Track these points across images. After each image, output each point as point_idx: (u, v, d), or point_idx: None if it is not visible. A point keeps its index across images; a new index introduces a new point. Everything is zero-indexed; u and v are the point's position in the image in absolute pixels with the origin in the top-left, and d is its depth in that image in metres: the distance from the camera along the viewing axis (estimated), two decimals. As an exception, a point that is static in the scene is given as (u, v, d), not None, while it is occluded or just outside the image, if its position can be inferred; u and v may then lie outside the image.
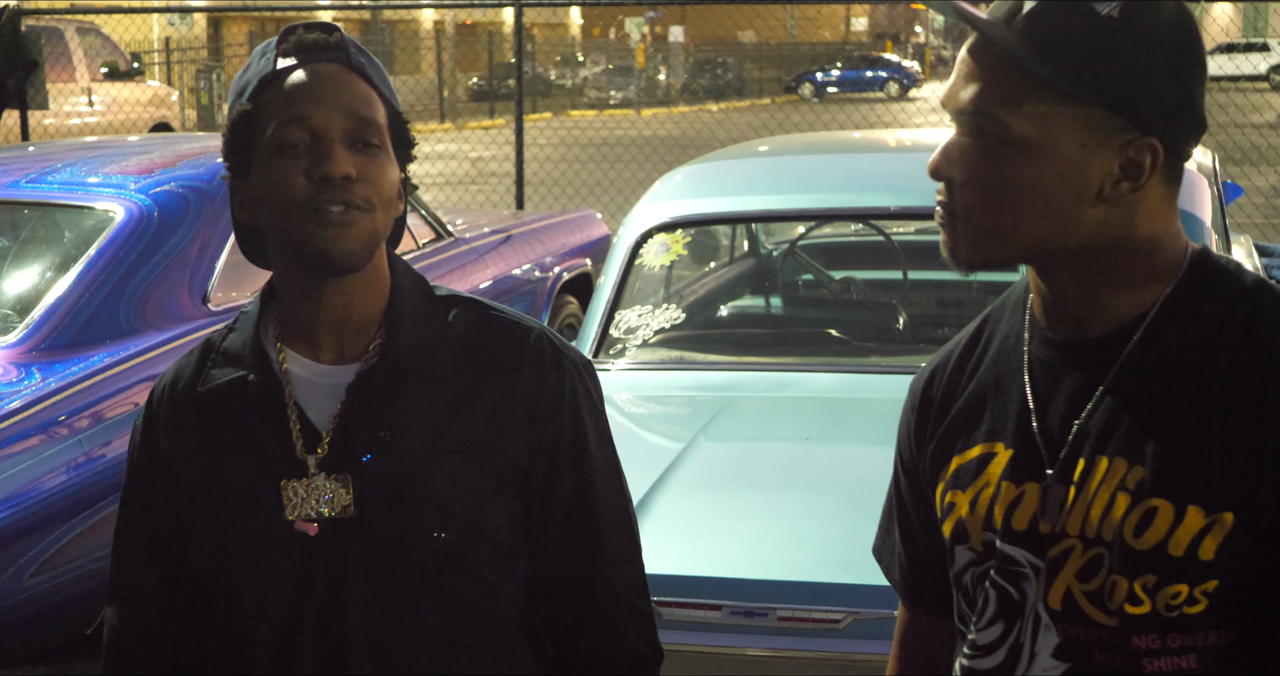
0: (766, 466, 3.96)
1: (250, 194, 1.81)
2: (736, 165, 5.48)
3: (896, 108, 31.42)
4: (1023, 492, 1.65)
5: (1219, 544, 1.53)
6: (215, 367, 1.89)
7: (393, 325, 1.85)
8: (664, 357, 4.57)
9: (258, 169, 1.79)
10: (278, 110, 1.77)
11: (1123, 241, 1.60)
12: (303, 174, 1.75)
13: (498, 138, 23.86)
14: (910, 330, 4.86)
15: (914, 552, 1.86)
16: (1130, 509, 1.57)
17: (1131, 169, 1.57)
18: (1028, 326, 1.70)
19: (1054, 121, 1.55)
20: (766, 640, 3.22)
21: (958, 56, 1.62)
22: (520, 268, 7.07)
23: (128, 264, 4.74)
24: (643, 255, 4.71)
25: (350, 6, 20.73)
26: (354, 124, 1.77)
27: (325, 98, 1.77)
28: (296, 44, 1.80)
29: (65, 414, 4.24)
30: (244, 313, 1.93)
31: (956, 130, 1.62)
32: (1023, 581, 1.65)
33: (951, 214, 1.62)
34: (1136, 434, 1.58)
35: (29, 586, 4.05)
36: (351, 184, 1.75)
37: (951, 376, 1.78)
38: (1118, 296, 1.62)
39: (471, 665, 1.84)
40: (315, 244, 1.76)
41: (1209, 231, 4.29)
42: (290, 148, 1.75)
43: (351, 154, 1.76)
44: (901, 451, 1.85)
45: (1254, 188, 11.77)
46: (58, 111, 18.23)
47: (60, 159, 5.66)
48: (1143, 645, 1.57)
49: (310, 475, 1.80)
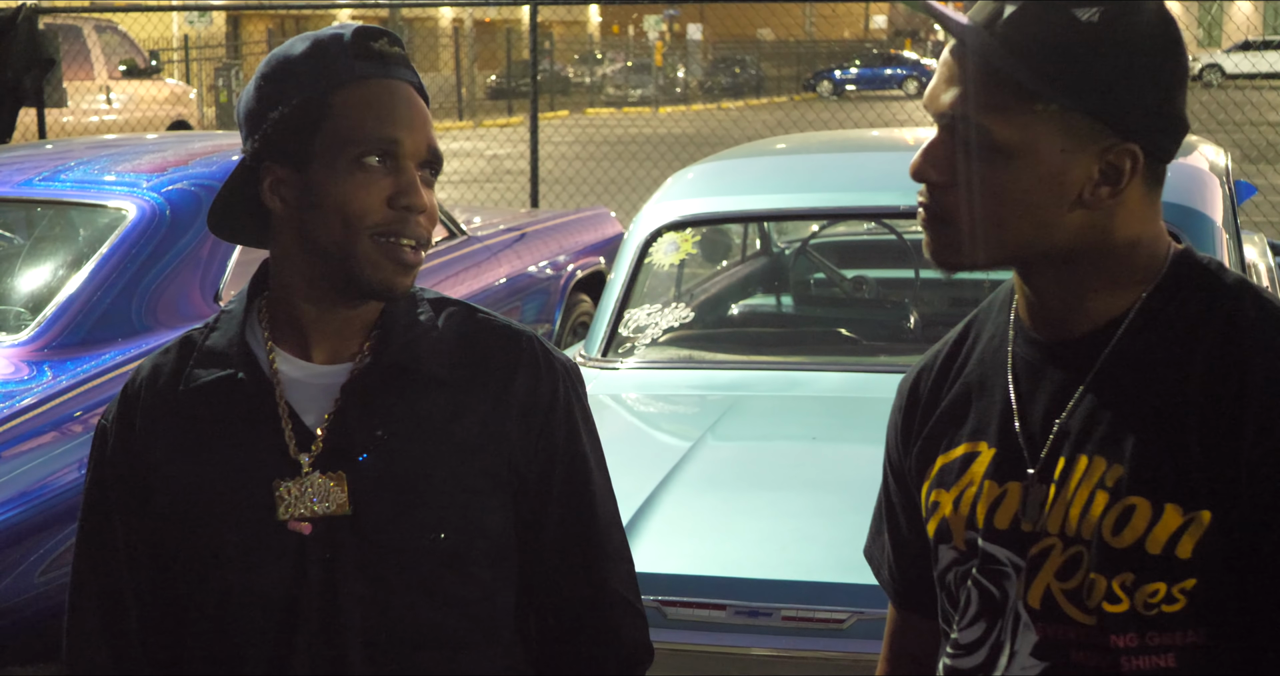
0: (773, 466, 3.96)
1: (301, 188, 1.77)
2: (748, 164, 5.47)
3: (914, 106, 31.36)
4: (1005, 491, 1.66)
5: (1196, 542, 1.53)
6: (199, 366, 1.86)
7: (387, 326, 1.85)
8: (673, 356, 4.57)
9: (325, 171, 1.75)
10: (362, 121, 1.74)
11: (1103, 244, 1.61)
12: (383, 198, 1.74)
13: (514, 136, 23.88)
14: (921, 329, 4.85)
15: (902, 553, 1.87)
16: (1109, 507, 1.57)
17: (1111, 173, 1.58)
18: (1012, 326, 1.71)
19: (1034, 126, 1.56)
20: (771, 640, 3.22)
21: (940, 58, 1.63)
22: (534, 266, 7.07)
23: (140, 262, 4.75)
24: (652, 254, 4.71)
25: (369, 4, 20.71)
26: (429, 155, 1.79)
27: (414, 123, 1.77)
28: (377, 52, 1.78)
29: (77, 411, 4.25)
30: (226, 311, 1.91)
31: (937, 132, 1.63)
32: (1004, 580, 1.65)
33: (933, 216, 1.63)
34: (1116, 432, 1.59)
35: (40, 583, 4.06)
36: (423, 217, 1.77)
37: (938, 377, 1.79)
38: (1098, 297, 1.63)
39: (468, 665, 1.83)
40: (379, 273, 1.75)
41: (1219, 231, 4.27)
42: (371, 163, 1.74)
43: (421, 184, 1.78)
44: (890, 452, 1.86)
45: (1271, 186, 11.72)
46: (76, 109, 18.28)
47: (74, 157, 5.68)
48: (1121, 644, 1.57)
49: (304, 474, 1.79)
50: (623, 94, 40.58)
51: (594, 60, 45.83)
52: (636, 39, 46.20)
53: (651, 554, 3.36)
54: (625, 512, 3.44)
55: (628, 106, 37.23)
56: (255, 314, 1.89)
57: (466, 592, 1.82)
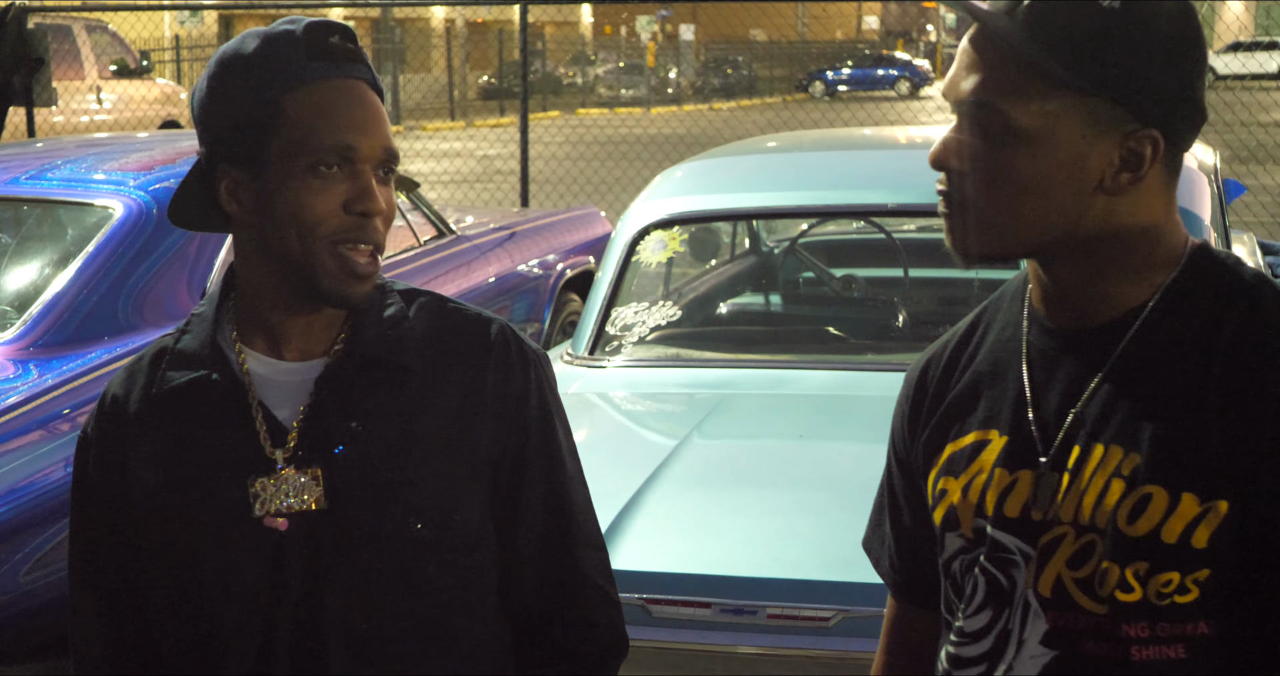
0: (759, 464, 3.96)
1: (257, 193, 1.76)
2: (736, 162, 5.46)
3: (905, 106, 31.38)
4: (1016, 479, 1.65)
5: (1212, 532, 1.53)
6: (171, 370, 1.86)
7: (358, 320, 1.84)
8: (660, 355, 4.56)
9: (279, 177, 1.74)
10: (314, 125, 1.73)
11: (1123, 231, 1.60)
12: (338, 203, 1.73)
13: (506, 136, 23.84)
14: (910, 328, 4.85)
15: (904, 545, 1.85)
16: (1124, 495, 1.57)
17: (1132, 160, 1.57)
18: (1026, 316, 1.70)
19: (1055, 113, 1.55)
20: (756, 638, 3.21)
21: (959, 46, 1.62)
22: (523, 265, 7.07)
23: (126, 260, 4.73)
24: (640, 252, 4.70)
25: (360, 4, 20.69)
26: (385, 156, 1.77)
27: (367, 125, 1.75)
28: (325, 49, 1.76)
29: (63, 409, 4.24)
30: (196, 314, 1.90)
31: (957, 120, 1.61)
32: (1012, 568, 1.64)
33: (953, 204, 1.62)
34: (1133, 421, 1.58)
35: (24, 583, 4.05)
36: (379, 220, 1.76)
37: (946, 366, 1.78)
38: (1117, 286, 1.62)
39: (449, 655, 1.84)
40: (336, 285, 1.75)
41: (1208, 229, 4.28)
42: (326, 170, 1.73)
43: (377, 185, 1.76)
44: (895, 441, 1.85)
45: (1261, 186, 11.73)
46: (66, 109, 18.23)
47: (60, 155, 5.66)
48: (1132, 633, 1.57)
49: (279, 470, 1.79)
50: (615, 94, 40.60)
51: (586, 61, 45.81)
52: (628, 39, 46.23)
53: (637, 551, 3.35)
54: (611, 510, 3.46)
55: (620, 107, 37.23)
56: (225, 315, 1.88)
57: (445, 581, 1.82)
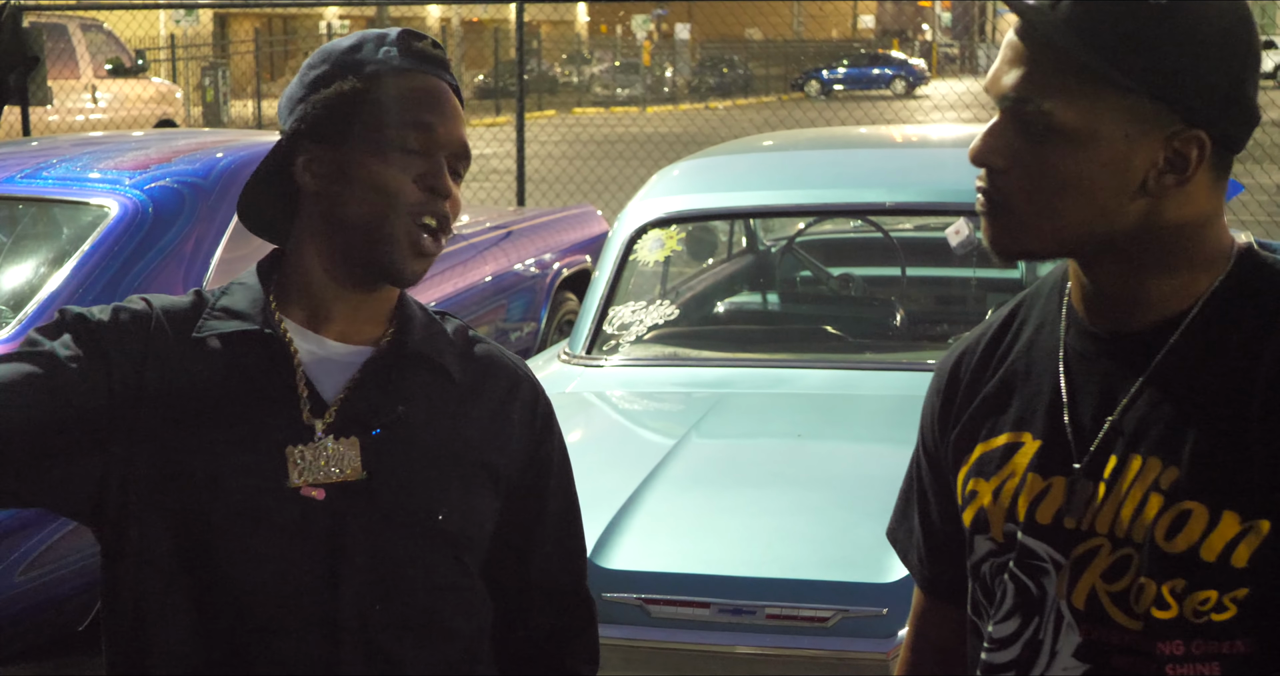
0: (757, 463, 3.95)
1: (336, 164, 1.79)
2: (733, 160, 5.45)
3: (901, 105, 31.40)
4: (1049, 485, 1.61)
5: (1253, 551, 1.48)
6: (213, 319, 1.81)
7: (403, 322, 1.88)
8: (658, 354, 4.55)
9: (361, 149, 1.79)
10: (400, 108, 1.80)
11: (1167, 235, 1.55)
12: (414, 179, 1.79)
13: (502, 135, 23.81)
14: (907, 327, 4.84)
15: (932, 540, 1.81)
16: (1163, 510, 1.52)
17: (1178, 161, 1.52)
18: (1065, 316, 1.66)
19: (1098, 110, 1.50)
20: (755, 638, 3.21)
21: (1005, 39, 1.57)
22: (519, 264, 7.06)
23: (122, 259, 4.72)
24: (637, 251, 4.70)
25: (355, 2, 20.68)
26: (460, 151, 1.84)
27: (447, 115, 1.82)
28: (416, 50, 1.85)
29: (58, 409, 4.22)
30: (237, 283, 1.87)
31: (999, 115, 1.57)
32: (1042, 576, 1.61)
33: (992, 202, 1.57)
34: (1173, 433, 1.54)
35: (20, 583, 4.05)
36: (448, 203, 1.81)
37: (980, 360, 1.73)
38: (1160, 290, 1.57)
39: (446, 652, 1.84)
40: (400, 255, 1.79)
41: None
42: (406, 149, 1.79)
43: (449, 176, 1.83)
44: (924, 434, 1.81)
45: (1258, 185, 11.73)
46: (61, 108, 18.24)
47: (56, 154, 5.65)
48: (1167, 651, 1.53)
49: (318, 439, 1.77)
50: (610, 93, 40.58)
51: (582, 60, 45.81)
52: (624, 38, 46.21)
53: (635, 551, 3.34)
54: (609, 510, 3.46)
55: (615, 106, 37.20)
56: (268, 289, 1.86)
57: (456, 579, 1.84)
